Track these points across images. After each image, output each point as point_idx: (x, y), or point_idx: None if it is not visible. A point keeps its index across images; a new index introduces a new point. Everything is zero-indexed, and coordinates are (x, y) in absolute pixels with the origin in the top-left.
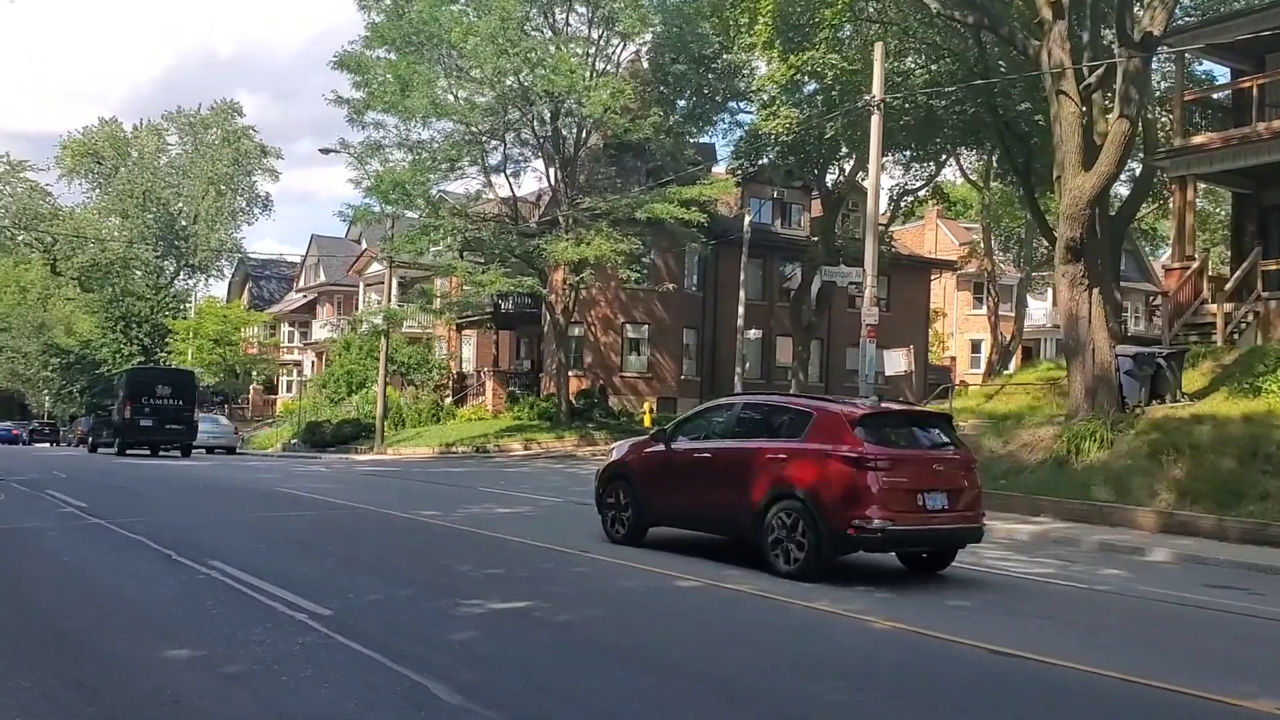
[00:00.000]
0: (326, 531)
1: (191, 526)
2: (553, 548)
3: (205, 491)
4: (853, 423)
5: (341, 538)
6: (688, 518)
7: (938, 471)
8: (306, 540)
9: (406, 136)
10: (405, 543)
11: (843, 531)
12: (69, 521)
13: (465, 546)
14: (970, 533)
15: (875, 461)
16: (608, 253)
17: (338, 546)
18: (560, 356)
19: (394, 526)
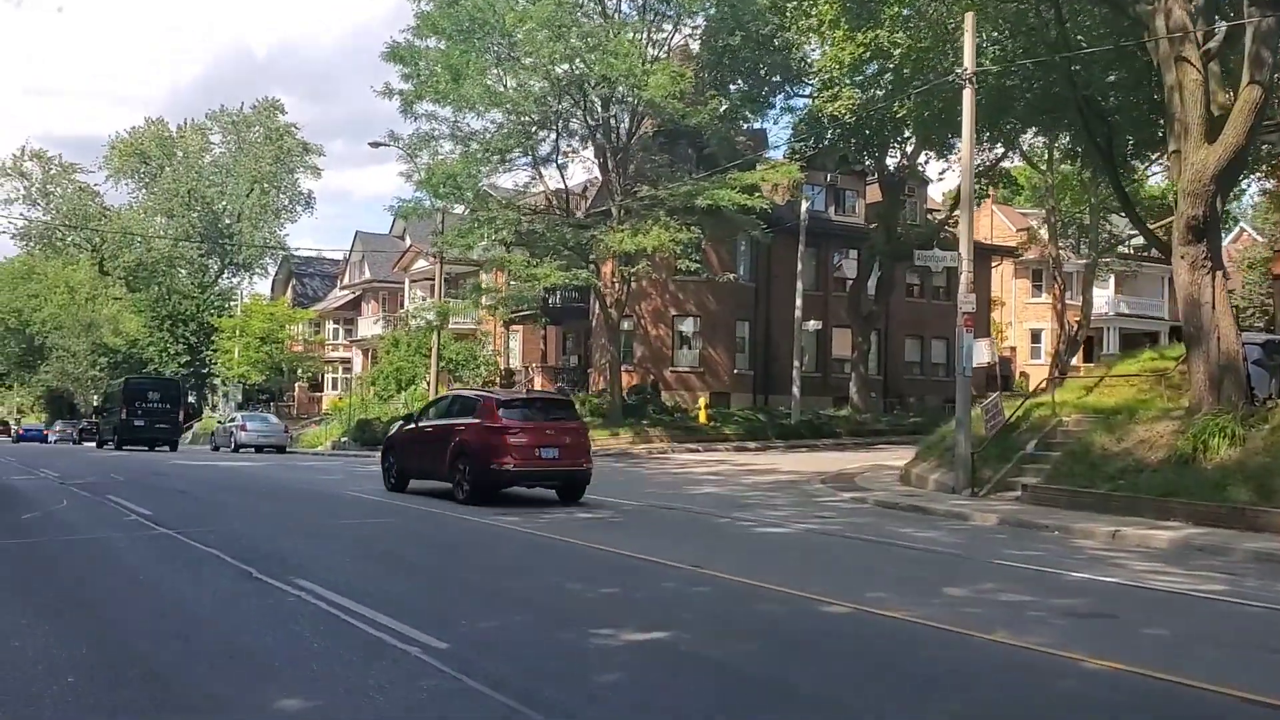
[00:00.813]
0: (408, 541)
1: (265, 537)
2: (661, 562)
3: (270, 496)
4: (499, 405)
5: (426, 549)
6: (424, 472)
7: (550, 434)
8: (391, 552)
9: (458, 128)
10: (497, 555)
11: (487, 470)
12: (137, 531)
13: (564, 560)
14: (579, 472)
15: (508, 428)
16: (665, 242)
17: (425, 559)
18: (612, 351)
19: (476, 535)
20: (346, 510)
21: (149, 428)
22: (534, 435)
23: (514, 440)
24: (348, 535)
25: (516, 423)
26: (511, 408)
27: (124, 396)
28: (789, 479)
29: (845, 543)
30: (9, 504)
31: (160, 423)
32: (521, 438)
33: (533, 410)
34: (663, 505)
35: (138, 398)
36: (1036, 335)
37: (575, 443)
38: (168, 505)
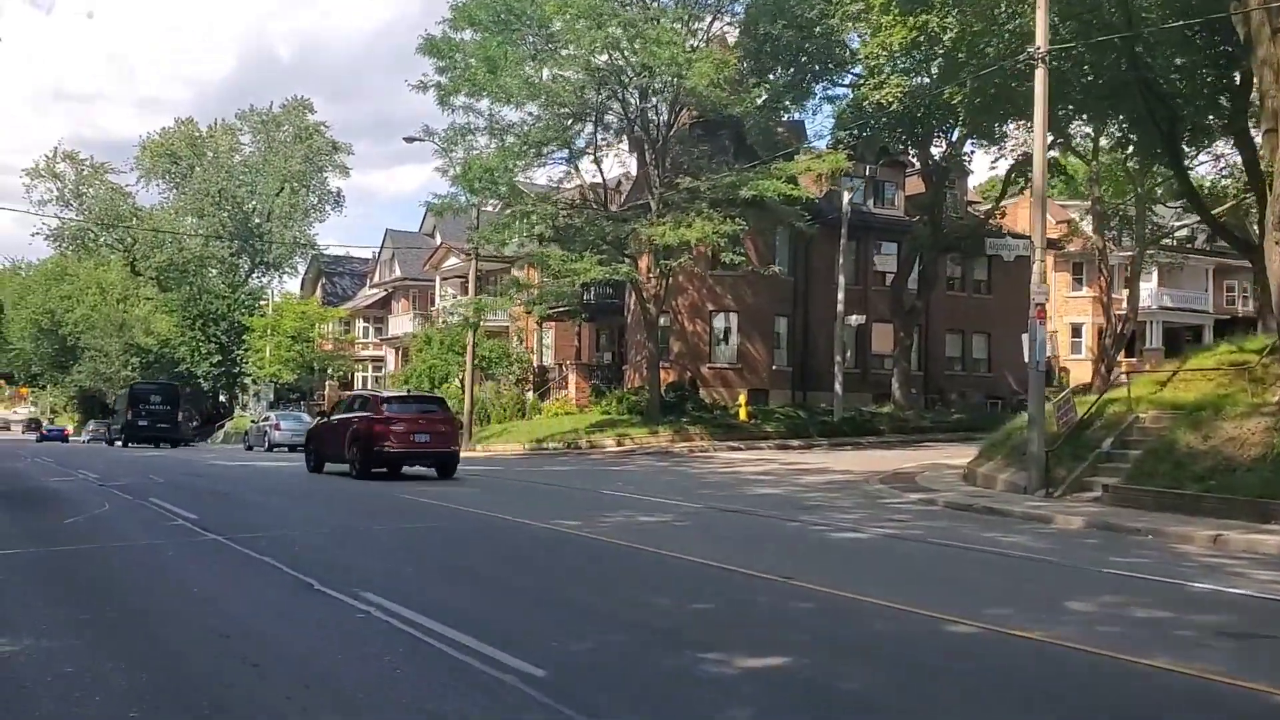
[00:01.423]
0: (472, 548)
1: (320, 544)
2: (747, 573)
3: (314, 499)
4: (383, 401)
5: (493, 556)
6: (334, 456)
7: (423, 424)
8: (457, 561)
9: (495, 121)
10: (569, 563)
11: (372, 451)
12: (184, 538)
13: (643, 569)
14: (447, 454)
15: (388, 420)
16: (709, 235)
17: (495, 569)
18: (650, 347)
19: (543, 541)
20: (398, 514)
21: (152, 427)
22: (409, 424)
23: (394, 428)
24: (400, 540)
25: (397, 415)
26: (393, 404)
27: (130, 400)
28: (845, 479)
29: (930, 550)
30: (50, 508)
31: (161, 423)
32: (400, 426)
33: (411, 406)
34: (723, 507)
35: (142, 401)
36: (1077, 330)
37: (444, 431)
38: (211, 508)
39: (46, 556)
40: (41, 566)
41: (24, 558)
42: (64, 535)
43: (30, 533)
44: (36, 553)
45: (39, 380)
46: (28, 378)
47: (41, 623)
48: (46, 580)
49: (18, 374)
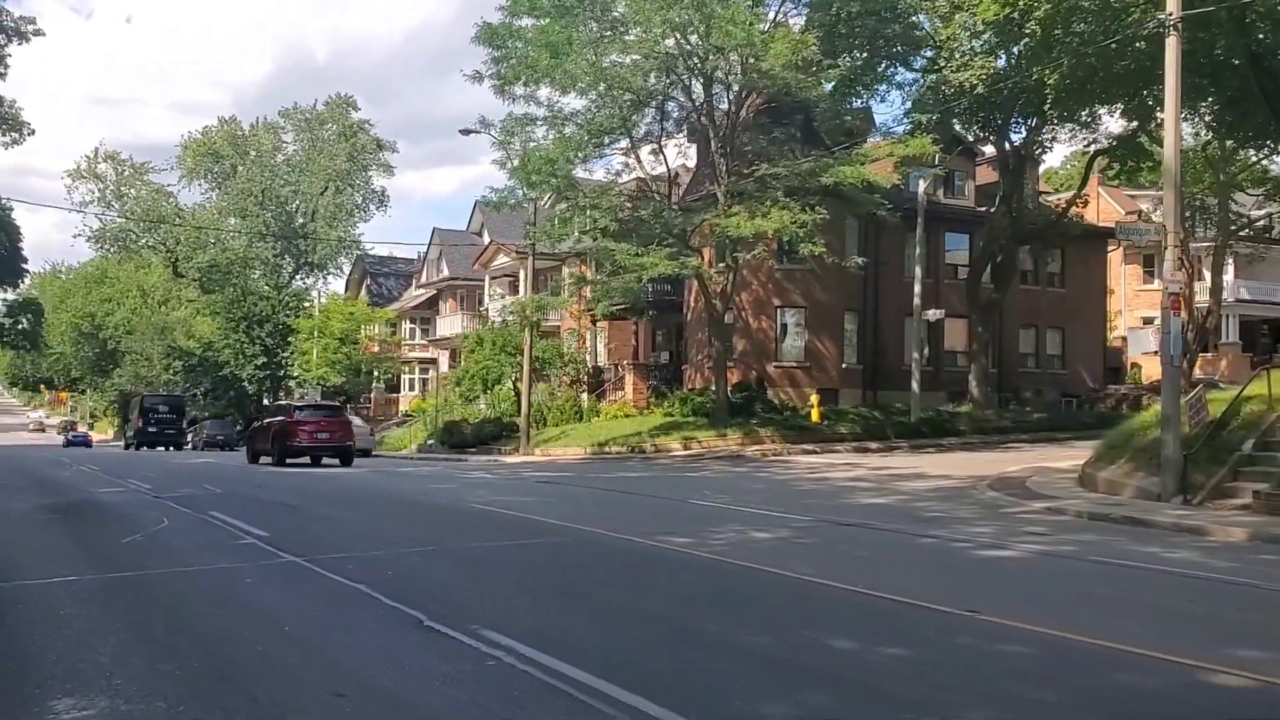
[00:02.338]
0: (581, 570)
1: (414, 567)
2: (914, 603)
3: (389, 511)
4: (295, 409)
5: (611, 581)
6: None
7: (323, 424)
8: (573, 586)
9: (557, 111)
10: (702, 591)
11: (286, 447)
12: (259, 560)
13: (793, 599)
14: (343, 447)
15: (298, 423)
16: (786, 225)
17: (621, 597)
18: (717, 346)
19: (659, 562)
20: (485, 530)
21: (160, 433)
22: (314, 426)
23: (302, 429)
24: (498, 560)
25: (304, 419)
26: (303, 411)
27: (140, 410)
28: (948, 485)
29: (1101, 570)
30: (106, 523)
31: (168, 429)
32: (307, 427)
33: (315, 412)
34: (837, 520)
35: (151, 411)
36: (1149, 324)
37: (340, 431)
38: (280, 524)
39: (111, 585)
40: (106, 597)
41: (86, 585)
42: (125, 556)
43: (89, 553)
44: (99, 580)
45: (79, 384)
46: (67, 382)
47: (116, 675)
48: (114, 615)
49: (58, 378)
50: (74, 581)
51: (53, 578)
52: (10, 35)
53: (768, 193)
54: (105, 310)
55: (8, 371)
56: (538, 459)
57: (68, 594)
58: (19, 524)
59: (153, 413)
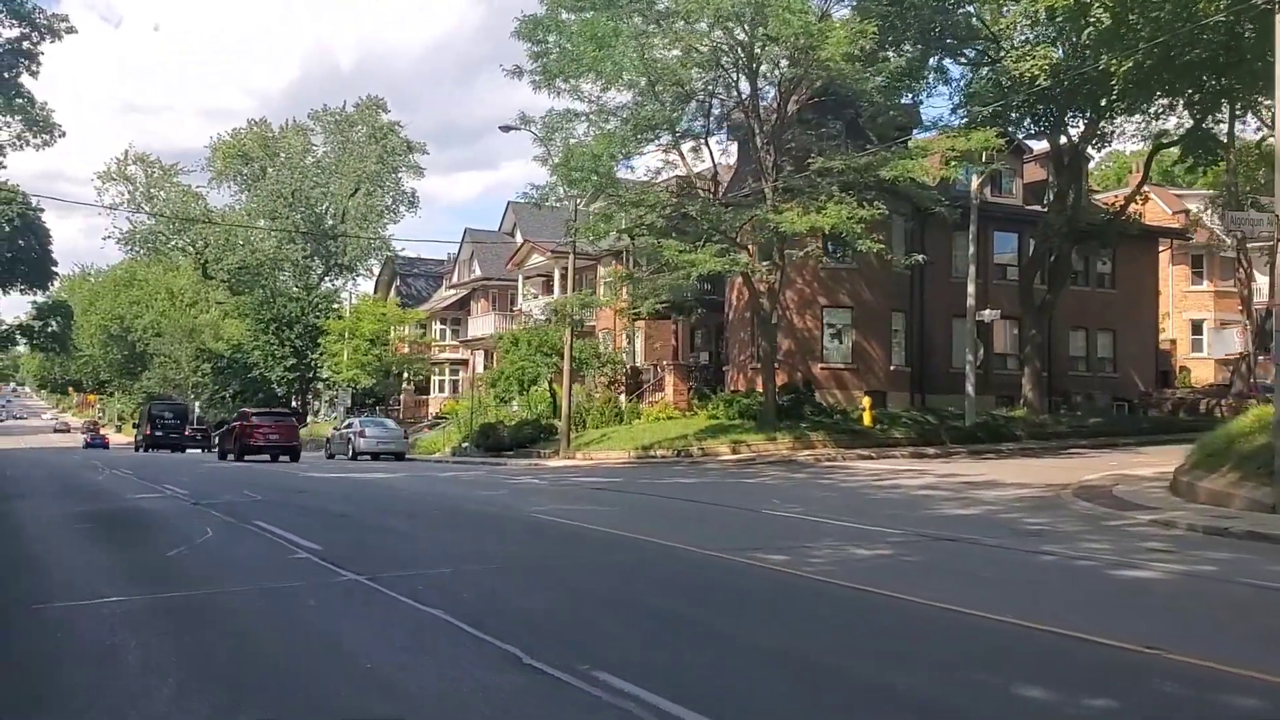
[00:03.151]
0: (687, 596)
1: (492, 588)
2: (1094, 640)
3: (444, 521)
4: (251, 414)
5: (721, 608)
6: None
7: (274, 426)
8: (683, 617)
9: (601, 105)
10: (826, 620)
11: (244, 445)
12: (318, 578)
13: (940, 633)
14: (290, 446)
15: (253, 426)
16: (843, 220)
17: (743, 631)
18: (764, 346)
19: (761, 584)
20: (555, 543)
21: (165, 437)
22: (267, 428)
23: (257, 430)
24: (594, 584)
25: (258, 422)
26: (256, 416)
27: (149, 416)
28: (1027, 494)
29: (1261, 596)
30: (147, 534)
31: (173, 434)
32: (261, 429)
33: (267, 416)
34: (932, 534)
35: (159, 417)
36: (1198, 326)
37: (288, 432)
38: (333, 536)
39: (161, 608)
40: (157, 622)
41: (134, 609)
42: (173, 573)
43: (132, 570)
44: (148, 602)
45: (107, 387)
46: (96, 384)
47: None
48: (169, 646)
49: (86, 381)
50: (121, 603)
51: (98, 598)
52: (43, 33)
53: (821, 187)
54: (134, 313)
55: (36, 374)
56: (580, 463)
57: (115, 619)
58: (56, 534)
59: (159, 419)
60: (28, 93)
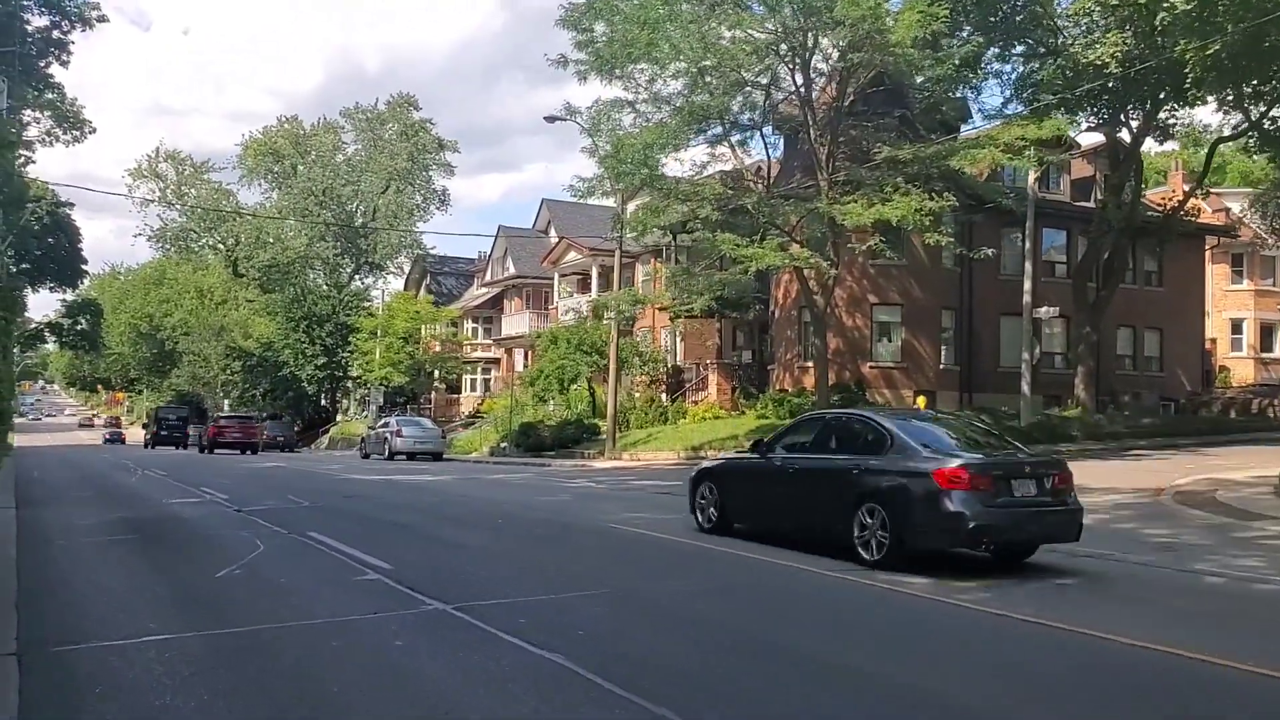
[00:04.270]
0: (852, 637)
1: (608, 626)
2: None
3: (514, 532)
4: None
5: (889, 655)
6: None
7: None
8: (844, 660)
9: (655, 93)
10: (1042, 670)
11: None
12: (395, 606)
13: (1194, 688)
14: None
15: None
16: (910, 213)
17: (916, 675)
18: (816, 344)
19: (950, 624)
20: (655, 562)
21: (169, 435)
22: (231, 428)
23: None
24: (721, 613)
25: (226, 424)
26: (225, 419)
27: (156, 418)
28: (1125, 500)
29: None
30: (192, 548)
31: (175, 432)
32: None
33: (234, 420)
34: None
35: (164, 418)
36: (1237, 326)
37: (250, 431)
38: (401, 552)
39: (219, 648)
40: (217, 670)
41: (186, 651)
42: (225, 601)
43: (180, 595)
44: (201, 640)
45: (136, 385)
46: (125, 382)
47: None
48: (236, 709)
49: (115, 379)
50: (169, 643)
51: (141, 635)
52: (74, 21)
53: (886, 179)
54: (163, 311)
55: (65, 372)
56: (628, 464)
57: (162, 667)
58: (89, 549)
59: (164, 420)
60: (58, 84)
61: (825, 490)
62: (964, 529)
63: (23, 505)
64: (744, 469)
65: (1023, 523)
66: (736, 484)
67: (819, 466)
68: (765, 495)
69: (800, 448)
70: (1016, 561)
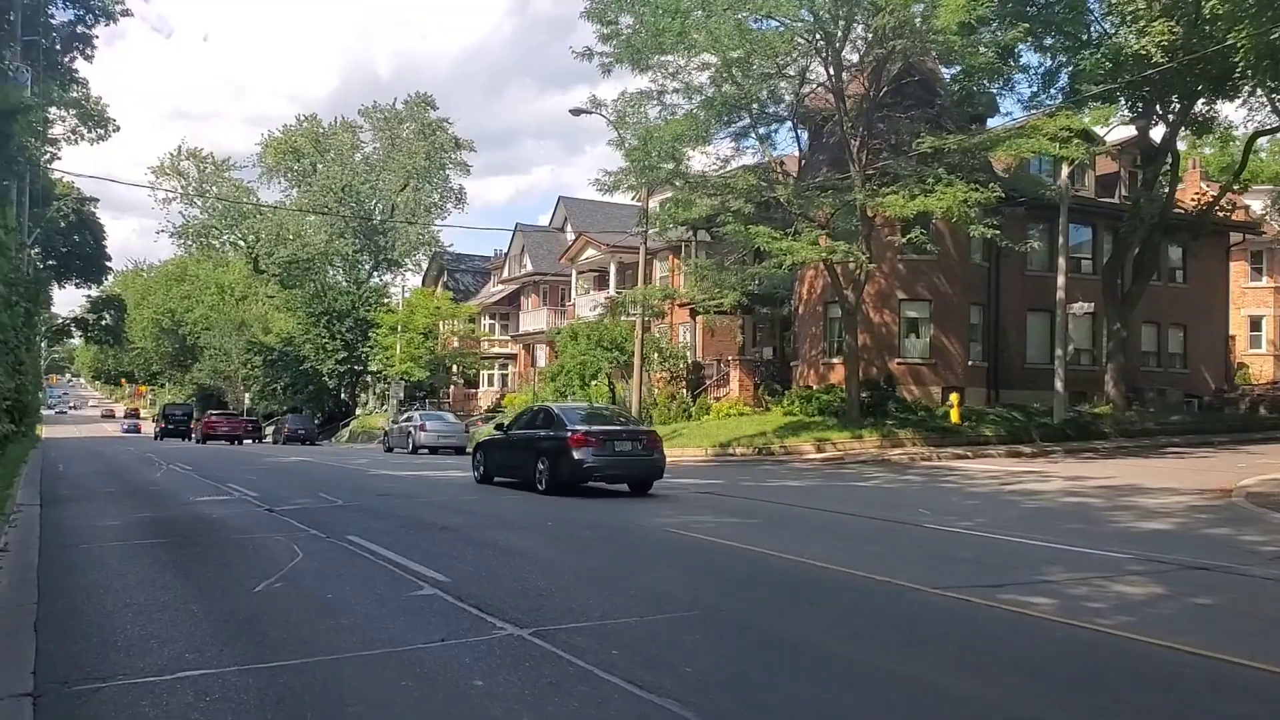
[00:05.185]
0: (975, 666)
1: (722, 665)
2: None
3: (571, 537)
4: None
5: (1020, 690)
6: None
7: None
8: (1003, 708)
9: (688, 82)
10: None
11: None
12: (463, 630)
13: None
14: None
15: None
16: (954, 205)
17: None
18: (846, 339)
19: (1103, 659)
20: (733, 575)
21: (175, 430)
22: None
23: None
24: (843, 644)
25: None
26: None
27: (164, 414)
28: (1190, 501)
29: None
30: (223, 554)
31: (180, 426)
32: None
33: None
34: (1154, 556)
35: (171, 414)
36: (1256, 323)
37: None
38: (453, 561)
39: (264, 692)
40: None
41: (231, 691)
42: (267, 622)
43: (214, 615)
44: (245, 677)
45: (158, 379)
46: (148, 376)
47: None
48: None
49: (138, 373)
50: (210, 681)
51: (176, 670)
52: (97, 15)
53: (928, 170)
54: (184, 307)
55: (90, 365)
56: None
57: (205, 714)
58: (114, 554)
59: (171, 416)
60: (83, 79)
61: (526, 451)
62: (581, 469)
63: (47, 503)
64: (495, 441)
65: (620, 465)
66: (492, 451)
67: (526, 437)
68: (504, 457)
69: (520, 426)
70: (638, 494)
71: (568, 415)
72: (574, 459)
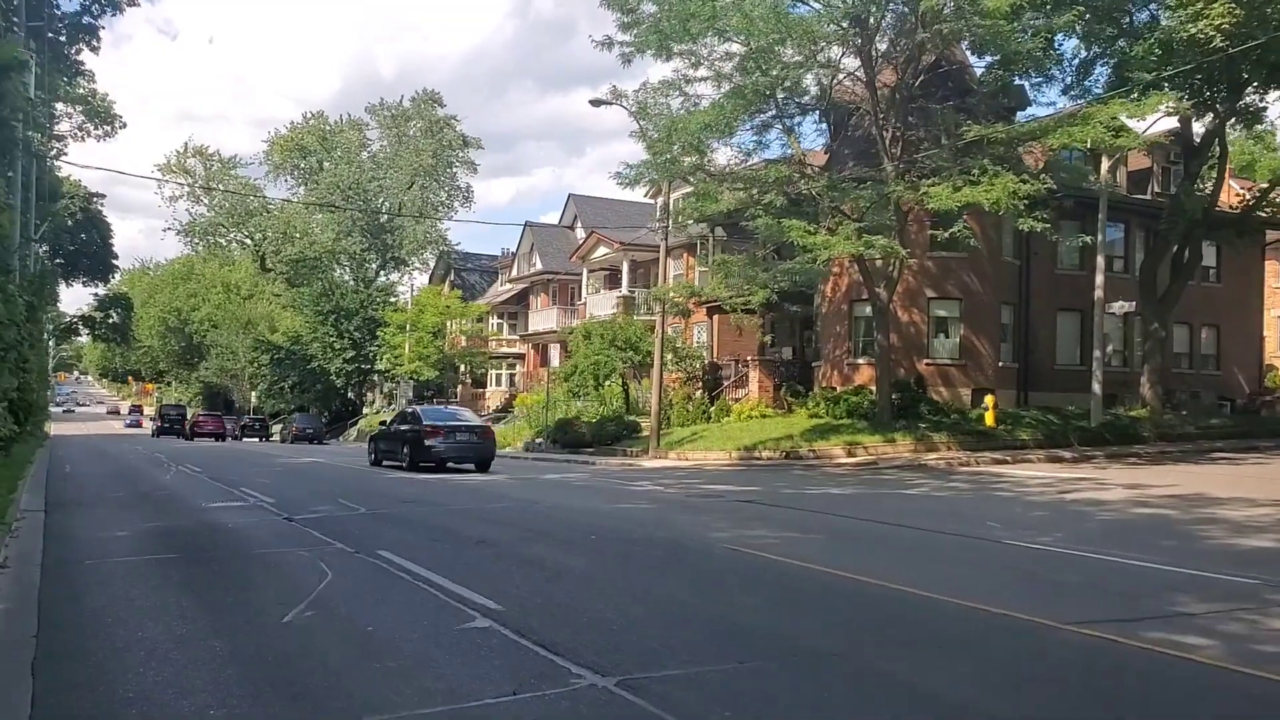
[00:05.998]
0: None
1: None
2: None
3: (619, 553)
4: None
5: None
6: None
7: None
8: None
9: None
10: None
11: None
12: (531, 680)
13: None
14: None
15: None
16: (1002, 197)
17: None
18: (879, 339)
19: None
20: (819, 601)
21: (171, 428)
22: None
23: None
24: (1000, 707)
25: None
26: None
27: (161, 413)
28: (1270, 514)
29: None
30: (244, 573)
31: (175, 425)
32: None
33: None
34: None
35: (167, 413)
36: None
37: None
38: (500, 583)
39: None
40: None
41: None
42: (302, 663)
43: (244, 654)
44: None
45: (165, 376)
46: (154, 374)
47: None
48: None
49: (145, 370)
50: None
51: None
52: (104, 5)
53: (973, 161)
54: (191, 305)
55: (98, 364)
56: (678, 463)
57: None
58: (124, 574)
59: (167, 415)
60: (89, 71)
61: (398, 440)
62: (431, 453)
63: (52, 509)
64: (383, 434)
65: (459, 451)
66: (381, 441)
67: (400, 429)
68: (388, 445)
69: (399, 422)
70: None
71: (426, 415)
72: (426, 445)
